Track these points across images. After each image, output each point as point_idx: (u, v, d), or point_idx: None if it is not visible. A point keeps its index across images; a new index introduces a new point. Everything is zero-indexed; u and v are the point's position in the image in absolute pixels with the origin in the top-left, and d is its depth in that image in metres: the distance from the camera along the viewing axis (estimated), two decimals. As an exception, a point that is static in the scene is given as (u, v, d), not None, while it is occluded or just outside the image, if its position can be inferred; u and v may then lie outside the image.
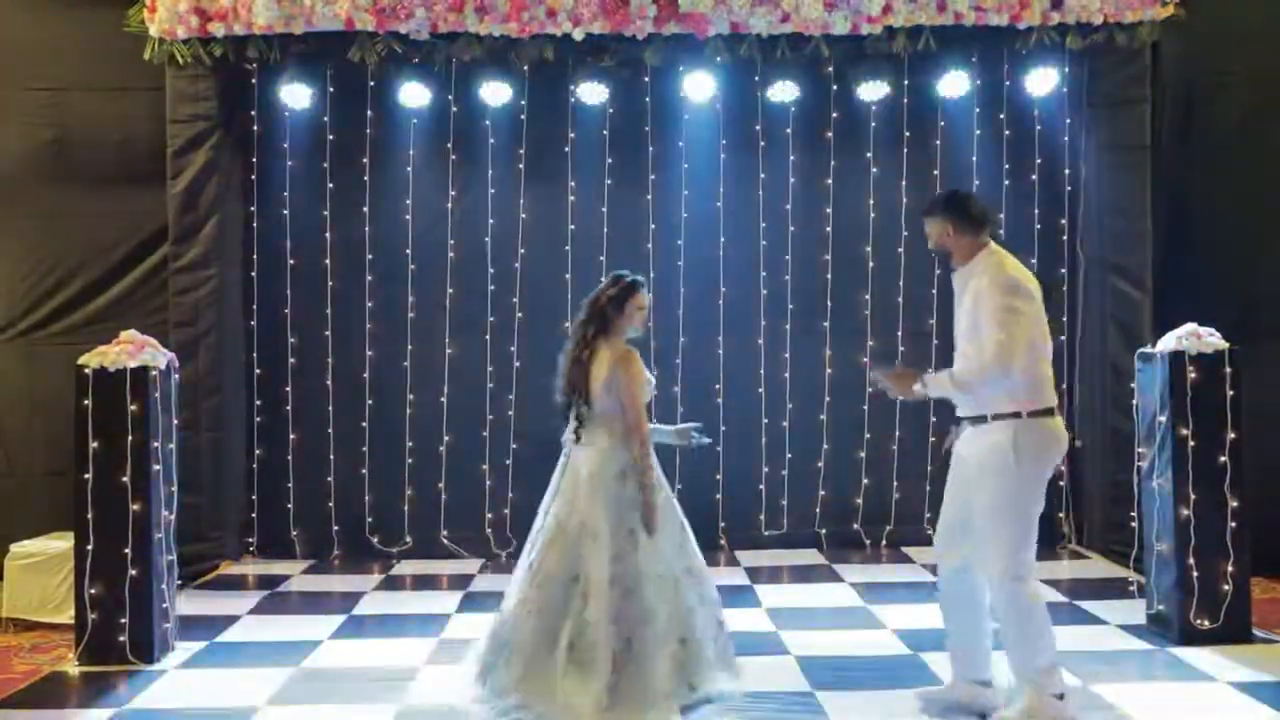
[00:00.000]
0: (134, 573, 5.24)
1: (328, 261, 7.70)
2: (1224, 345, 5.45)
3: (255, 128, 7.60)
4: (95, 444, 5.25)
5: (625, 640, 4.46)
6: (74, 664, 5.27)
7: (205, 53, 6.97)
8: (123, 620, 5.24)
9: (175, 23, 6.87)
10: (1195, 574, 5.36)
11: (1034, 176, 7.71)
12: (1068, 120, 7.64)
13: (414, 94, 7.44)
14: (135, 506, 5.25)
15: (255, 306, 7.69)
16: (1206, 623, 5.35)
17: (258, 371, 7.71)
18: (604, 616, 4.46)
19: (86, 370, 5.29)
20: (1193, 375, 5.39)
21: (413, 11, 6.83)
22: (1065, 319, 7.75)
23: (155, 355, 5.40)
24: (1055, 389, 7.55)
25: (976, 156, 7.73)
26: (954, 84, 7.48)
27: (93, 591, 5.24)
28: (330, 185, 7.67)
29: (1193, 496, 5.37)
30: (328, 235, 7.69)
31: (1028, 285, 4.34)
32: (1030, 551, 4.29)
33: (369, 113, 7.61)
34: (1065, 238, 7.74)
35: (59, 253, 7.42)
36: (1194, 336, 5.45)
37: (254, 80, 7.51)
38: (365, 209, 7.69)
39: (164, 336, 6.55)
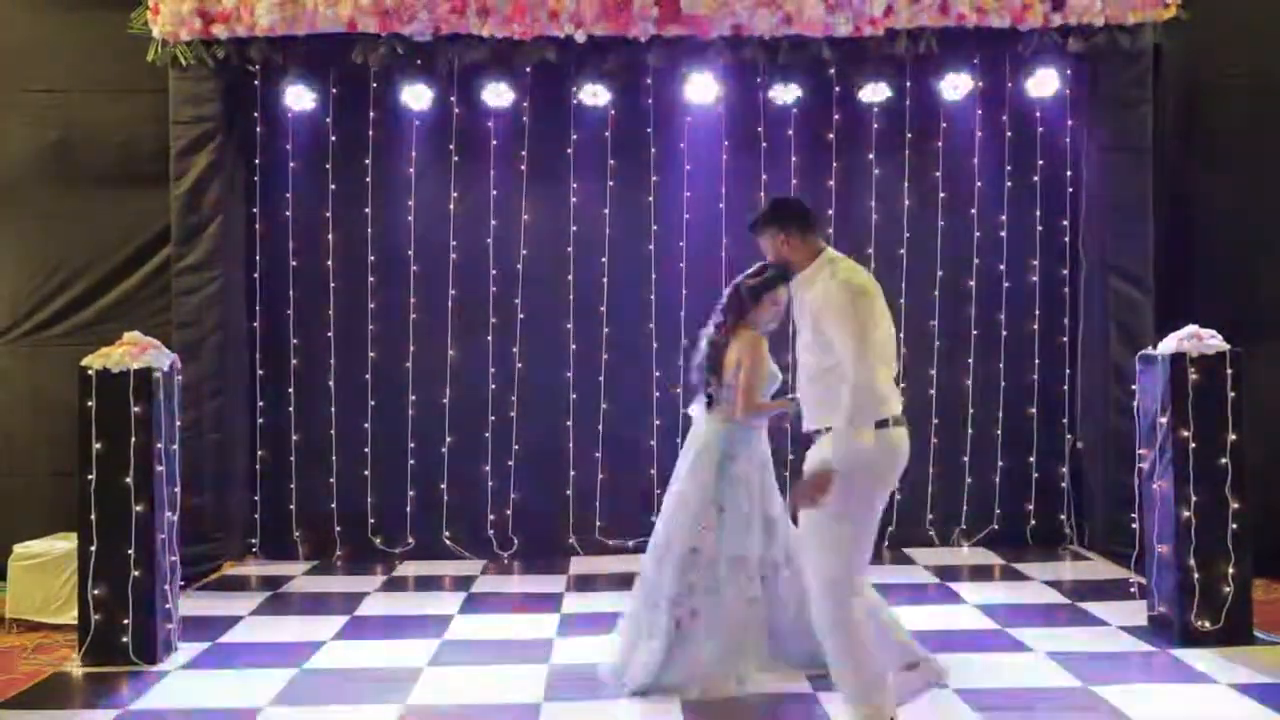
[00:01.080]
0: (137, 574, 5.25)
1: (330, 263, 7.71)
2: (1225, 347, 5.45)
3: (258, 129, 7.62)
4: (99, 445, 5.26)
5: (690, 611, 4.71)
6: (77, 665, 5.28)
7: (208, 55, 6.99)
8: (126, 621, 5.25)
9: (178, 25, 6.89)
10: (1196, 576, 5.36)
11: (1036, 178, 7.72)
12: (1069, 122, 7.65)
13: (416, 96, 7.45)
14: (139, 507, 5.26)
15: (258, 308, 7.70)
16: (1208, 624, 5.36)
17: (260, 372, 7.73)
18: (674, 583, 4.74)
19: (90, 371, 5.31)
20: (1194, 377, 5.39)
21: (415, 14, 6.85)
22: (1067, 320, 7.77)
23: (158, 357, 5.41)
24: (1057, 389, 7.71)
25: (978, 158, 7.74)
26: (956, 86, 7.49)
27: (96, 592, 5.25)
28: (333, 187, 7.68)
29: (1194, 498, 5.37)
30: (330, 237, 7.70)
31: (871, 289, 4.15)
32: (857, 568, 4.07)
33: (371, 114, 7.62)
34: (1067, 239, 7.75)
35: (62, 254, 7.43)
36: (1195, 338, 5.46)
37: (257, 82, 7.52)
38: (367, 210, 7.71)
39: (167, 337, 6.58)
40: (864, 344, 3.97)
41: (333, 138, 7.64)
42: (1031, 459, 7.80)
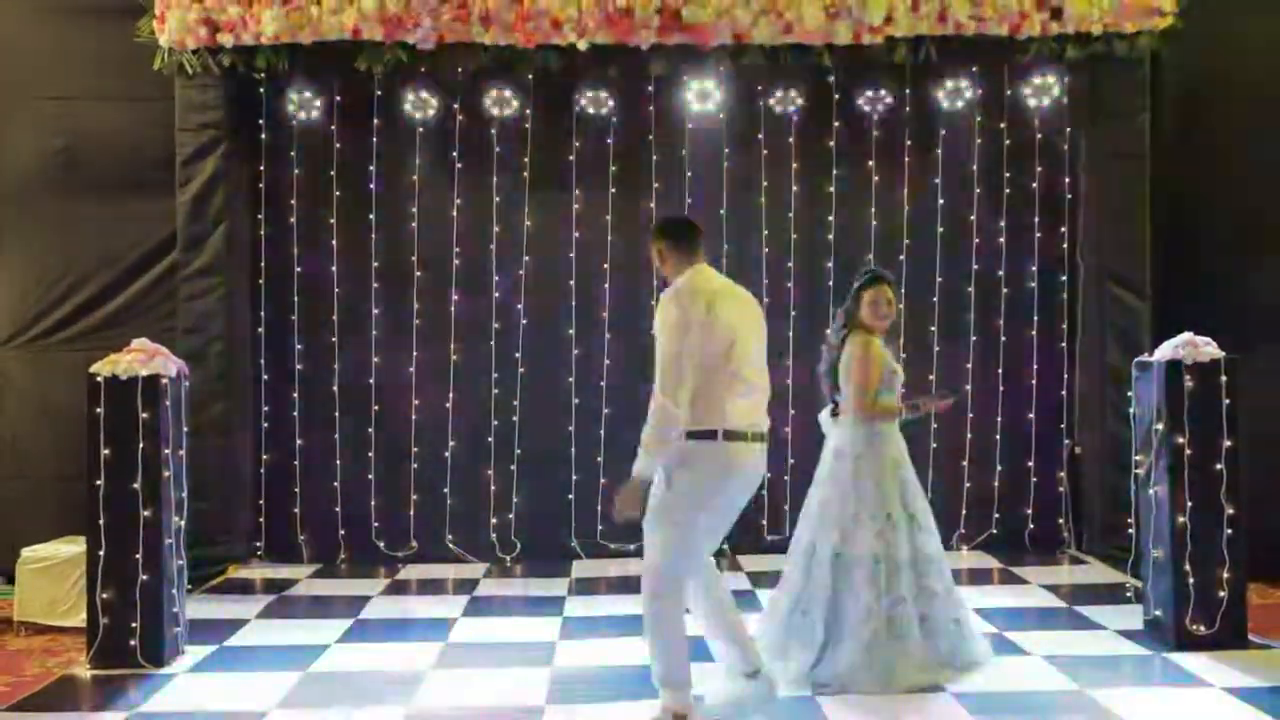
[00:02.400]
0: (145, 578, 5.31)
1: (334, 269, 7.78)
2: (1220, 354, 5.50)
3: (263, 137, 7.69)
4: (107, 451, 5.32)
5: (835, 613, 4.89)
6: (86, 667, 5.33)
7: (214, 63, 7.07)
8: (134, 624, 5.31)
9: (184, 33, 6.96)
10: (1191, 580, 5.41)
11: (1034, 185, 7.79)
12: (1067, 129, 7.72)
13: (420, 103, 7.53)
14: (146, 512, 5.32)
15: (263, 313, 7.77)
16: (1202, 628, 5.41)
17: (265, 378, 7.79)
18: (825, 588, 4.91)
19: (98, 378, 5.36)
20: (1189, 384, 5.44)
21: (419, 22, 6.92)
22: (1065, 326, 7.83)
23: (166, 364, 5.47)
24: (1055, 394, 7.75)
25: (977, 165, 7.81)
26: (955, 93, 7.56)
27: (104, 596, 5.31)
28: (337, 193, 7.75)
29: (1189, 504, 5.42)
30: (334, 243, 7.77)
31: (701, 300, 4.24)
32: (678, 569, 4.30)
33: (375, 122, 7.70)
34: (1065, 245, 7.81)
35: (69, 260, 7.51)
36: (1190, 345, 5.51)
37: (262, 90, 7.60)
38: (371, 217, 7.77)
39: (172, 343, 6.63)
40: (668, 356, 4.19)
41: (337, 145, 7.72)
42: (1030, 464, 7.86)
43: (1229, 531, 5.43)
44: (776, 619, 5.12)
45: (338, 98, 7.66)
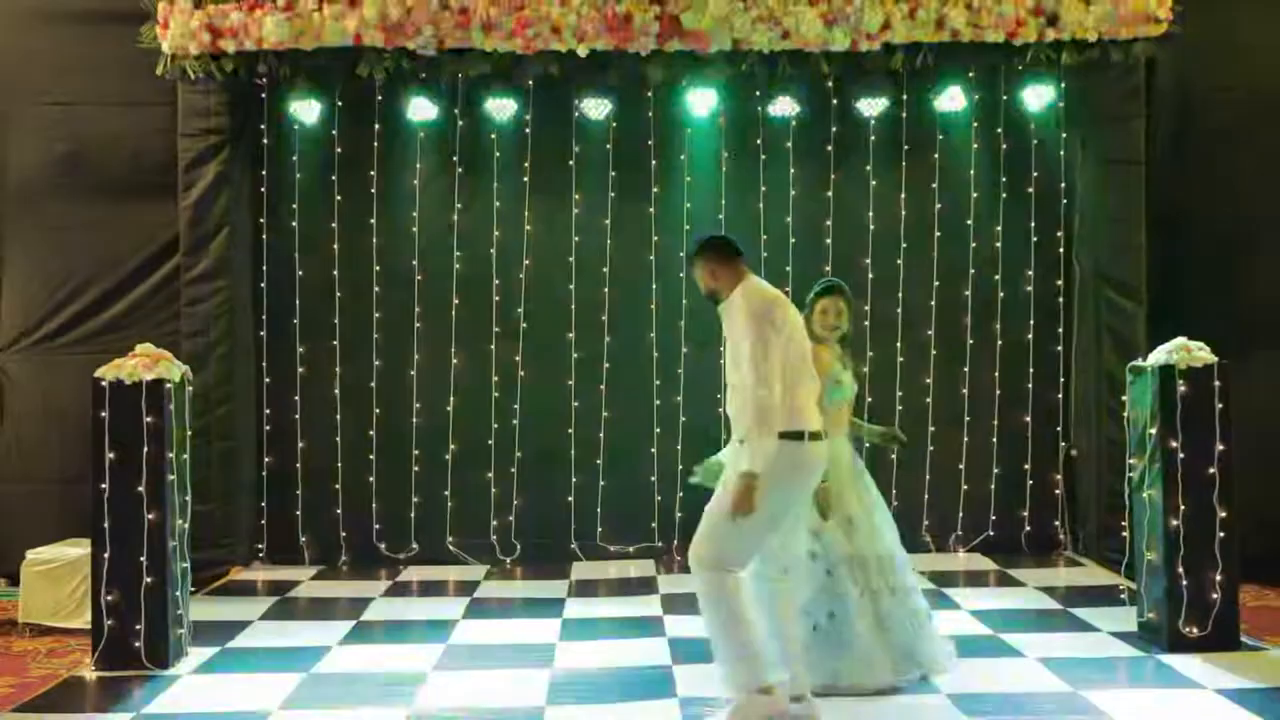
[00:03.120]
0: (149, 580, 5.36)
1: (336, 273, 7.83)
2: (1213, 359, 5.56)
3: (265, 141, 7.75)
4: (112, 455, 5.37)
5: (828, 614, 4.94)
6: (91, 669, 5.39)
7: (216, 68, 7.09)
8: (138, 626, 5.36)
9: (187, 39, 6.99)
10: (1184, 583, 5.46)
11: (1030, 190, 7.85)
12: (1063, 134, 7.78)
13: (421, 108, 7.58)
14: (150, 516, 5.37)
15: (265, 317, 7.83)
16: (1195, 630, 5.47)
17: (267, 381, 7.84)
18: (805, 591, 4.92)
19: (103, 383, 5.41)
20: (1182, 388, 5.50)
21: (420, 28, 6.96)
22: (1061, 329, 7.89)
23: (170, 368, 5.53)
24: (1051, 397, 7.82)
25: (974, 170, 7.86)
26: (952, 99, 7.61)
27: (109, 598, 5.36)
28: (338, 198, 7.81)
29: (1182, 507, 5.48)
30: (336, 247, 7.82)
31: (777, 311, 4.51)
32: (741, 562, 4.49)
33: (377, 127, 7.75)
34: (1061, 250, 7.87)
35: (72, 264, 7.55)
36: (1184, 350, 5.57)
37: (264, 95, 7.65)
38: (373, 221, 7.83)
39: (175, 346, 6.71)
40: (758, 357, 4.37)
41: (338, 150, 7.77)
42: (1026, 466, 7.92)
43: (1221, 534, 5.49)
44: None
45: (339, 103, 7.71)
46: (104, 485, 5.38)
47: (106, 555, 5.37)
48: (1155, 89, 7.41)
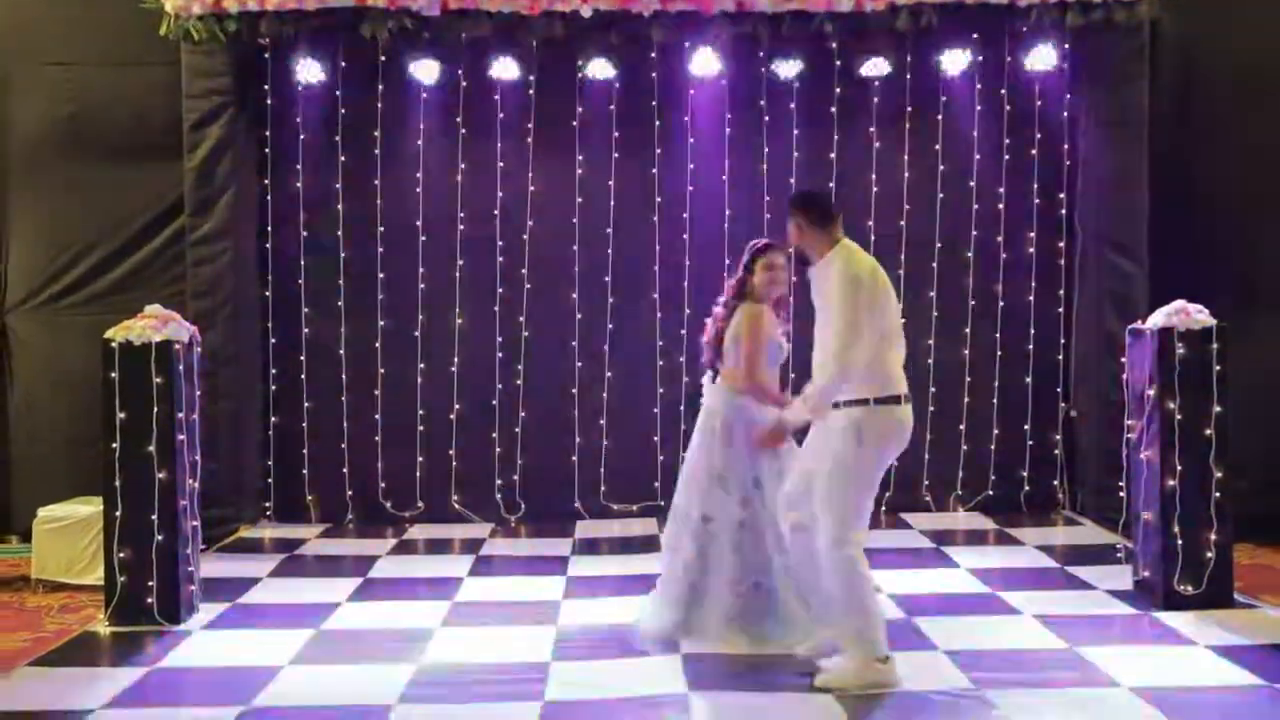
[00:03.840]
0: (160, 538, 5.45)
1: (340, 233, 7.87)
2: (1211, 322, 5.59)
3: (269, 102, 7.76)
4: (122, 415, 5.43)
5: (703, 574, 4.99)
6: (105, 624, 5.49)
7: (220, 29, 7.08)
8: (150, 583, 5.46)
9: (190, 0, 7.01)
10: (1180, 542, 5.53)
11: (1033, 151, 7.86)
12: (1067, 96, 7.78)
13: (425, 70, 7.58)
14: (161, 475, 5.45)
15: (270, 277, 7.88)
16: (1190, 589, 5.55)
17: (273, 341, 7.91)
18: (691, 551, 5.02)
19: (113, 344, 5.47)
20: (1180, 351, 5.54)
21: (424, -12, 6.96)
22: (1062, 291, 7.93)
23: (179, 329, 5.58)
24: (1052, 359, 7.88)
25: (977, 132, 7.87)
26: (955, 61, 7.61)
27: (121, 556, 5.45)
28: (342, 159, 7.83)
29: (1178, 468, 5.54)
30: (340, 207, 7.86)
31: (870, 278, 4.54)
32: (859, 526, 4.54)
33: (380, 88, 7.76)
34: (1063, 211, 7.89)
35: (79, 225, 7.60)
36: (1182, 314, 5.60)
37: (267, 56, 7.66)
38: (376, 182, 7.85)
39: (181, 307, 6.75)
40: (852, 327, 4.42)
41: (342, 111, 7.78)
42: (1027, 427, 7.99)
43: (1216, 495, 5.55)
44: (661, 581, 5.26)
45: (343, 64, 7.71)
46: (115, 445, 5.45)
47: (118, 514, 5.45)
48: (1159, 51, 7.40)
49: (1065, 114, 7.80)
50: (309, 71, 7.59)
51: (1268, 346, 7.15)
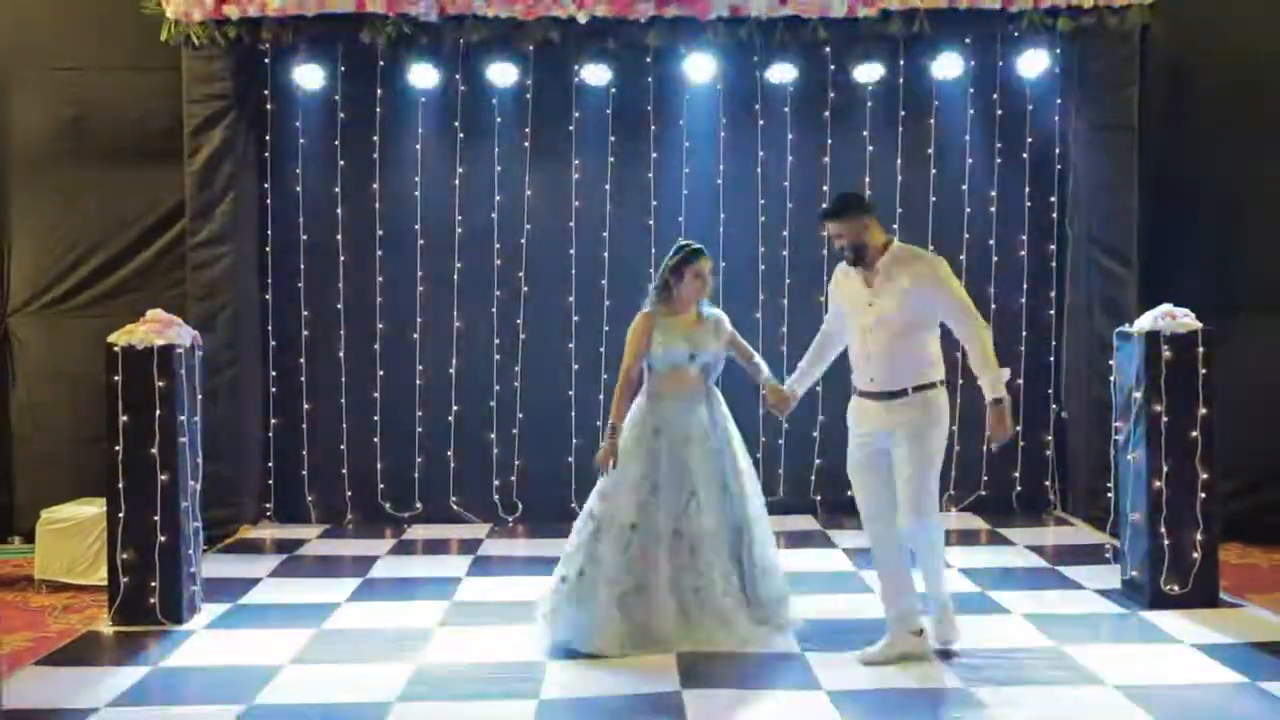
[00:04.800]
0: (163, 539, 5.52)
1: (339, 236, 7.94)
2: (1197, 325, 5.68)
3: (269, 107, 7.83)
4: (125, 418, 5.51)
5: (577, 572, 5.08)
6: (108, 624, 5.56)
7: (220, 34, 7.18)
8: (153, 583, 5.53)
9: (191, 5, 7.10)
10: (1166, 542, 5.62)
11: (1025, 155, 7.93)
12: (1058, 101, 7.86)
13: (423, 74, 7.65)
14: (163, 476, 5.52)
15: (270, 280, 7.94)
16: (1176, 588, 5.63)
17: (273, 343, 7.98)
18: (572, 548, 5.15)
19: (116, 348, 5.54)
20: (1167, 354, 5.62)
21: (422, -6, 7.04)
22: (1054, 293, 8.01)
23: (181, 333, 5.66)
24: (1043, 361, 7.98)
25: (969, 136, 7.94)
26: (948, 65, 7.68)
27: (124, 556, 5.53)
28: (341, 163, 7.90)
29: (1165, 469, 5.62)
30: (339, 211, 7.93)
31: None
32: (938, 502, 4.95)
33: (379, 92, 7.82)
34: (1055, 215, 7.97)
35: (80, 228, 7.68)
36: (1169, 317, 5.69)
37: (267, 61, 7.73)
38: (375, 185, 7.93)
39: (182, 309, 6.85)
40: (968, 302, 4.97)
41: (341, 115, 7.85)
42: (1018, 428, 8.06)
43: (1202, 496, 5.63)
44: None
45: (342, 69, 7.78)
46: (118, 448, 5.52)
47: (122, 515, 5.53)
48: (1149, 56, 7.48)
49: (1056, 118, 7.88)
50: (309, 76, 7.67)
51: (1257, 348, 7.24)
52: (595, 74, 7.69)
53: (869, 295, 4.90)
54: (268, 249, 7.92)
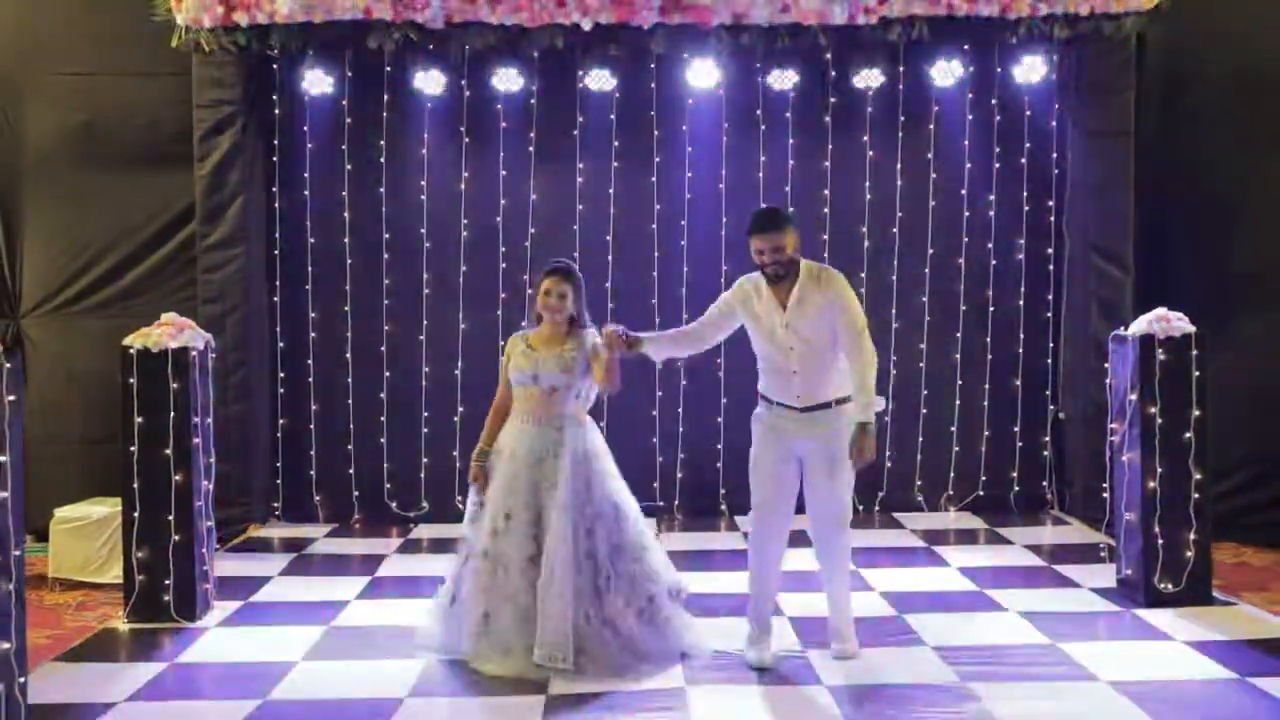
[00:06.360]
0: (177, 538, 5.64)
1: (346, 240, 8.05)
2: (1191, 329, 5.78)
3: (277, 112, 7.93)
4: (140, 419, 5.62)
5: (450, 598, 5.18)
6: (123, 621, 5.68)
7: (229, 41, 7.28)
8: (167, 582, 5.65)
9: (201, 12, 7.18)
10: (1160, 542, 5.73)
11: (1023, 160, 8.04)
12: (1055, 107, 7.97)
13: (429, 80, 7.76)
14: (177, 477, 5.64)
15: (278, 283, 8.05)
16: (1170, 586, 5.74)
17: (281, 345, 8.08)
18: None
19: (131, 351, 5.65)
20: (1161, 357, 5.73)
21: (428, 1, 7.14)
22: (1051, 296, 8.12)
23: (194, 336, 5.77)
24: (1041, 363, 8.09)
25: (968, 141, 8.05)
26: (947, 72, 7.79)
27: (139, 555, 5.65)
28: (348, 167, 8.00)
29: (1159, 470, 5.73)
30: (346, 215, 8.03)
31: None
32: None
33: (386, 98, 7.93)
34: (1052, 219, 8.08)
35: (91, 231, 7.78)
36: (1163, 320, 5.80)
37: (276, 67, 7.84)
38: (382, 190, 8.03)
39: (192, 312, 6.95)
40: (863, 324, 4.93)
41: (349, 120, 7.96)
42: (1016, 429, 8.18)
43: (1196, 496, 5.74)
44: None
45: (349, 75, 7.89)
46: (133, 448, 5.63)
47: (136, 514, 5.64)
48: (1145, 63, 7.59)
49: (1054, 124, 7.99)
50: (317, 82, 7.77)
51: (1251, 349, 7.33)
52: (599, 80, 7.80)
53: (786, 315, 4.90)
54: (276, 252, 8.03)
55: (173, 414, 5.63)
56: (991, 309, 8.15)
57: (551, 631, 4.79)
